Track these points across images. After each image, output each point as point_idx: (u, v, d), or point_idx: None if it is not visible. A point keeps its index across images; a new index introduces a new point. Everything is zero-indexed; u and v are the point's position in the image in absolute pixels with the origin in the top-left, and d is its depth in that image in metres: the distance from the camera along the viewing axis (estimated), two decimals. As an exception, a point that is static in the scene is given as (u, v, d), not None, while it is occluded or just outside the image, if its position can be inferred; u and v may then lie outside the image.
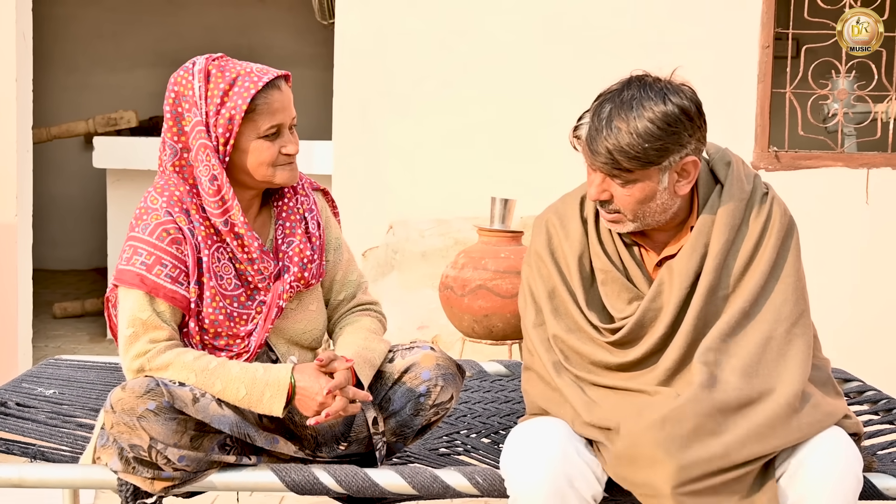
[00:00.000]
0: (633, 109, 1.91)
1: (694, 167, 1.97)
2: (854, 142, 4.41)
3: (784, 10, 4.39)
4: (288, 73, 2.13)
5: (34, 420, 2.39)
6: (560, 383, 2.02)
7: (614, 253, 2.06)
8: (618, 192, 1.97)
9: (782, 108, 4.32)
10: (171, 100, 2.08)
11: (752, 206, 2.03)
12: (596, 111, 1.96)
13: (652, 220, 2.00)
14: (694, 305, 1.98)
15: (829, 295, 4.08)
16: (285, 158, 2.10)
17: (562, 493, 1.89)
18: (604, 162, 1.94)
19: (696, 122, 1.95)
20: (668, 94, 1.93)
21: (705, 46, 4.27)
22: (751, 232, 2.02)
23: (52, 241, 7.54)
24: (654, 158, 1.92)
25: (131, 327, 2.02)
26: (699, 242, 2.00)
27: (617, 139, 1.90)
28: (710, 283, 1.98)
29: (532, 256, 2.13)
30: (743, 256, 2.01)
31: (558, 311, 2.06)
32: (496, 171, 4.39)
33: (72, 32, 7.78)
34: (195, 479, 2.00)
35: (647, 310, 2.01)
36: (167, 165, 2.11)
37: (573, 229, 2.08)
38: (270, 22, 7.84)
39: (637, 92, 1.93)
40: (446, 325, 4.05)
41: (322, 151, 5.11)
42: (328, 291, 2.28)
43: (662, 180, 1.95)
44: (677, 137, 1.92)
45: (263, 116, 2.06)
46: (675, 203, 2.01)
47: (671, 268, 2.02)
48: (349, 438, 2.18)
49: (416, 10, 4.41)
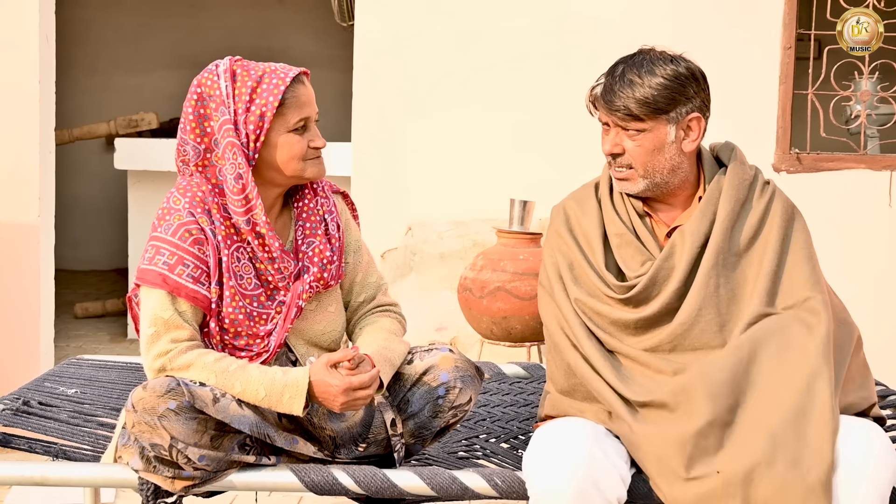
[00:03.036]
0: (645, 66, 2.12)
1: (698, 124, 2.14)
2: (877, 143, 4.37)
3: (806, 10, 4.36)
4: (307, 70, 2.17)
5: (56, 419, 2.40)
6: (588, 351, 2.11)
7: (628, 220, 2.21)
8: (629, 145, 2.13)
9: (804, 109, 4.29)
10: (194, 102, 2.10)
11: (754, 188, 2.19)
12: (610, 71, 2.16)
13: (661, 178, 2.15)
14: (705, 263, 2.11)
15: (852, 298, 4.03)
16: (313, 153, 2.14)
17: (587, 496, 1.89)
18: (618, 110, 2.11)
19: (700, 84, 2.15)
20: (676, 59, 2.15)
21: (727, 48, 4.25)
22: (755, 209, 2.17)
23: (73, 241, 7.59)
24: (664, 106, 2.10)
25: (153, 326, 2.03)
26: (708, 209, 2.15)
27: (631, 90, 2.10)
28: (718, 245, 2.12)
29: (551, 236, 2.26)
30: (749, 228, 2.15)
31: (578, 280, 2.19)
32: (515, 172, 4.38)
33: (93, 35, 7.83)
34: (215, 478, 2.01)
35: (660, 268, 2.13)
36: (190, 166, 2.12)
37: (590, 207, 2.24)
38: (290, 24, 7.86)
39: (648, 55, 2.15)
40: (464, 327, 4.05)
41: (341, 153, 5.12)
42: (348, 293, 2.28)
43: (670, 132, 2.12)
44: (684, 90, 2.12)
45: (292, 110, 2.09)
46: (683, 163, 2.16)
47: (682, 231, 2.16)
48: (367, 440, 2.19)
49: (435, 13, 4.41)
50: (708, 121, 2.17)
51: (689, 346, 2.09)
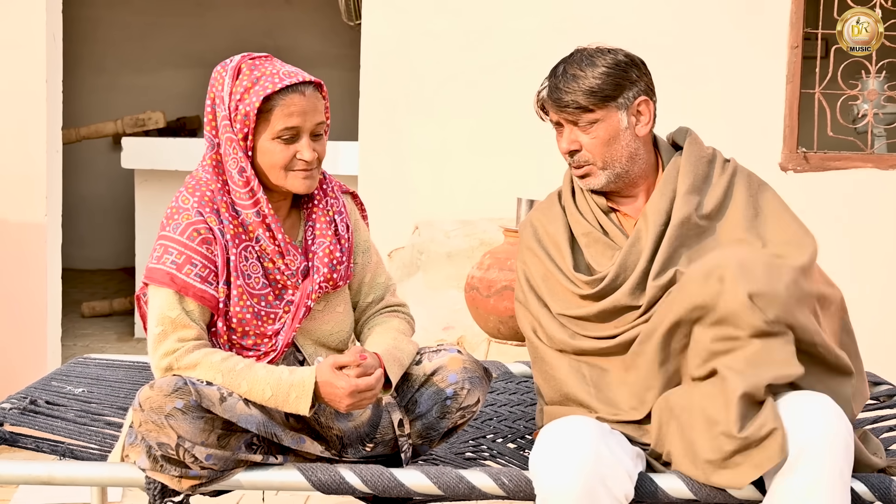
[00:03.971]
0: (585, 60, 2.16)
1: (647, 107, 2.18)
2: (884, 143, 4.36)
3: (813, 9, 4.35)
4: (320, 81, 2.13)
5: (63, 418, 2.41)
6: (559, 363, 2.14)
7: (593, 219, 2.23)
8: (585, 139, 2.17)
9: (811, 108, 4.28)
10: (211, 96, 2.12)
11: (714, 165, 2.21)
12: (552, 73, 2.20)
13: (620, 167, 2.18)
14: (668, 235, 2.14)
15: (859, 297, 4.04)
16: (301, 164, 2.10)
17: (594, 494, 1.89)
18: (566, 106, 2.14)
19: (641, 69, 2.19)
20: (614, 50, 2.19)
21: (734, 47, 4.24)
22: (717, 183, 2.18)
23: (80, 240, 7.60)
24: (611, 92, 2.14)
25: (160, 325, 2.04)
26: (667, 188, 2.18)
27: (576, 83, 2.14)
28: (681, 216, 2.14)
29: (523, 252, 2.29)
30: (713, 199, 2.16)
31: (553, 290, 2.21)
32: (522, 171, 4.38)
33: (100, 34, 7.84)
34: (222, 477, 2.01)
35: (627, 254, 2.16)
36: (207, 159, 2.13)
37: (554, 213, 2.27)
38: (297, 23, 7.86)
39: (585, 51, 2.19)
40: (471, 326, 4.04)
41: (348, 152, 5.12)
42: (356, 294, 2.28)
43: (622, 119, 2.16)
44: (627, 75, 2.16)
45: (278, 118, 2.06)
46: (640, 149, 2.19)
47: (645, 213, 2.18)
48: (375, 440, 2.19)
49: (443, 12, 4.41)
50: (656, 105, 2.20)
51: None
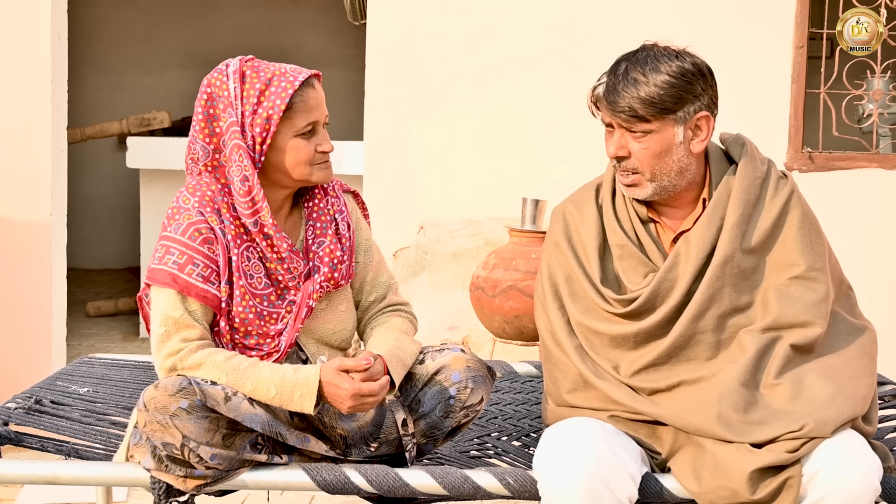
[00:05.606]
0: (649, 64, 2.00)
1: (707, 123, 2.04)
2: (889, 142, 4.35)
3: (818, 9, 4.34)
4: (319, 73, 2.15)
5: (68, 418, 2.41)
6: (583, 369, 2.06)
7: (630, 229, 2.11)
8: (635, 147, 2.03)
9: (816, 108, 4.27)
10: (204, 101, 2.09)
11: (767, 186, 2.08)
12: (612, 70, 2.04)
13: (668, 181, 2.05)
14: (709, 274, 2.02)
15: (865, 297, 4.02)
16: (321, 157, 2.12)
17: (597, 495, 1.89)
18: (622, 111, 2.00)
19: (708, 80, 2.04)
20: (681, 55, 2.03)
21: (739, 47, 4.23)
22: (768, 210, 2.06)
23: (85, 240, 7.61)
24: (671, 105, 1.99)
25: (163, 326, 2.04)
26: (715, 215, 2.06)
27: (636, 89, 1.99)
28: (725, 254, 2.02)
29: (549, 246, 2.18)
30: (761, 232, 2.04)
31: (576, 294, 2.11)
32: (527, 171, 4.37)
33: (106, 34, 7.85)
34: (227, 477, 2.01)
35: (662, 279, 2.05)
36: (199, 166, 2.12)
37: (589, 213, 2.14)
38: (302, 23, 7.87)
39: (651, 52, 2.03)
40: (476, 326, 4.04)
41: (353, 152, 5.12)
42: (358, 293, 2.28)
43: (678, 133, 2.02)
44: (691, 88, 2.00)
45: (300, 114, 2.07)
46: (691, 164, 2.06)
47: (688, 239, 2.06)
48: (379, 439, 2.19)
49: (448, 11, 4.41)
50: (716, 119, 2.07)
51: (685, 357, 2.03)
